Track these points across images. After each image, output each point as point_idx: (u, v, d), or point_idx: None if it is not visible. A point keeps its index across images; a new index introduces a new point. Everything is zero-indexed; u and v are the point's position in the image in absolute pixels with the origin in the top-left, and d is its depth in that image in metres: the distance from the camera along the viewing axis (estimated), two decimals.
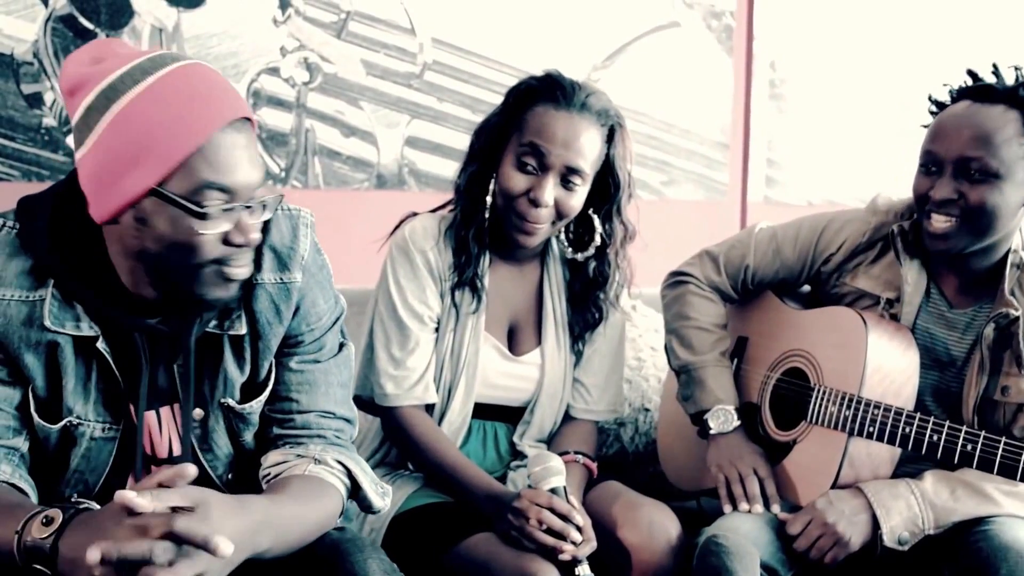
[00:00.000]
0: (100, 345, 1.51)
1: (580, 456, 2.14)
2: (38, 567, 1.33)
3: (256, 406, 1.64)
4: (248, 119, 1.46)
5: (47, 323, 1.48)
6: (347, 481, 1.65)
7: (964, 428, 1.86)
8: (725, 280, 2.27)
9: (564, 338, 2.18)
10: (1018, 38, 3.51)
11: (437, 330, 2.10)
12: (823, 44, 3.47)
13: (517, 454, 2.18)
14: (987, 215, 1.89)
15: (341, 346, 1.72)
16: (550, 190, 1.99)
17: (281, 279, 1.60)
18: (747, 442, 2.14)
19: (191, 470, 1.34)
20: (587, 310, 2.18)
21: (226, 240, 1.44)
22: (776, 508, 2.05)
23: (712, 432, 2.16)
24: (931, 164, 1.94)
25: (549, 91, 2.02)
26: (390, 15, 2.93)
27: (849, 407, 1.98)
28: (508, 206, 2.02)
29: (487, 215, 2.06)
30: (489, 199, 2.06)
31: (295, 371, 1.66)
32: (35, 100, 2.58)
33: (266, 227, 1.57)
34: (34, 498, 1.51)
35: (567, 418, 2.22)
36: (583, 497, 2.09)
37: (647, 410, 2.67)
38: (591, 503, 2.06)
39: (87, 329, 1.50)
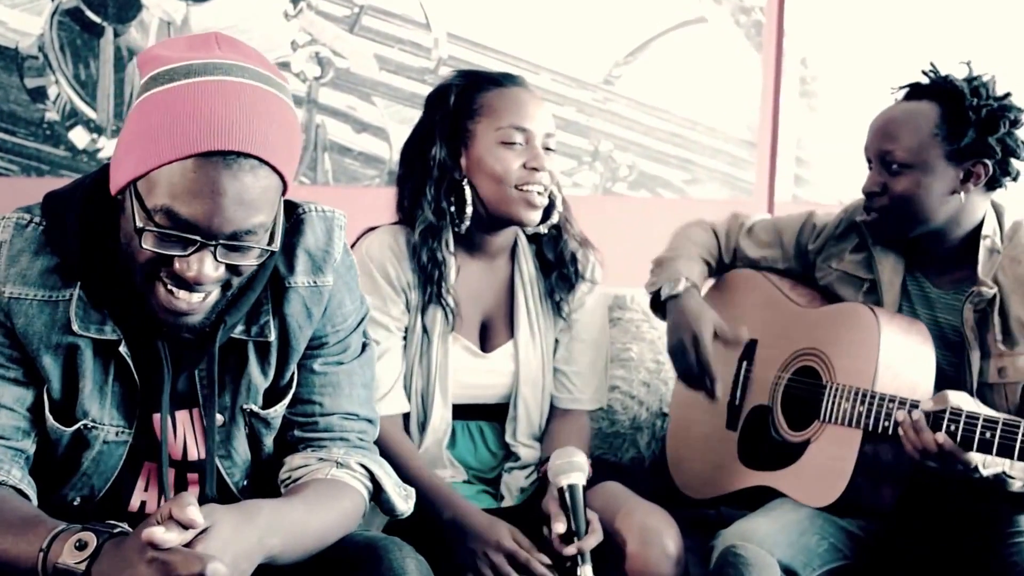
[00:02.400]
0: (122, 349, 1.49)
1: None
2: None
3: (280, 410, 1.62)
4: (263, 161, 1.36)
5: (75, 327, 1.45)
6: (369, 484, 1.63)
7: (982, 415, 1.80)
8: (724, 230, 2.38)
9: (539, 327, 2.15)
10: None
11: (405, 338, 2.08)
12: (856, 40, 3.40)
13: (511, 455, 2.15)
14: (909, 204, 2.01)
15: (364, 346, 1.70)
16: (544, 155, 2.03)
17: (314, 282, 1.58)
18: (702, 308, 2.18)
19: (190, 499, 1.31)
20: (564, 279, 2.16)
21: (172, 270, 1.38)
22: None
23: (663, 298, 2.21)
24: (867, 159, 2.10)
25: (486, 79, 2.09)
26: (404, 9, 2.88)
27: (863, 403, 1.96)
28: (506, 186, 2.02)
29: (467, 220, 2.04)
30: (469, 206, 2.03)
31: (319, 373, 1.63)
32: (38, 94, 2.54)
33: (300, 229, 1.56)
34: (34, 502, 1.48)
35: (555, 412, 2.18)
36: None
37: (665, 414, 2.62)
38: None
39: (110, 333, 1.48)
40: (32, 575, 1.32)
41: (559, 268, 2.16)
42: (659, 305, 2.25)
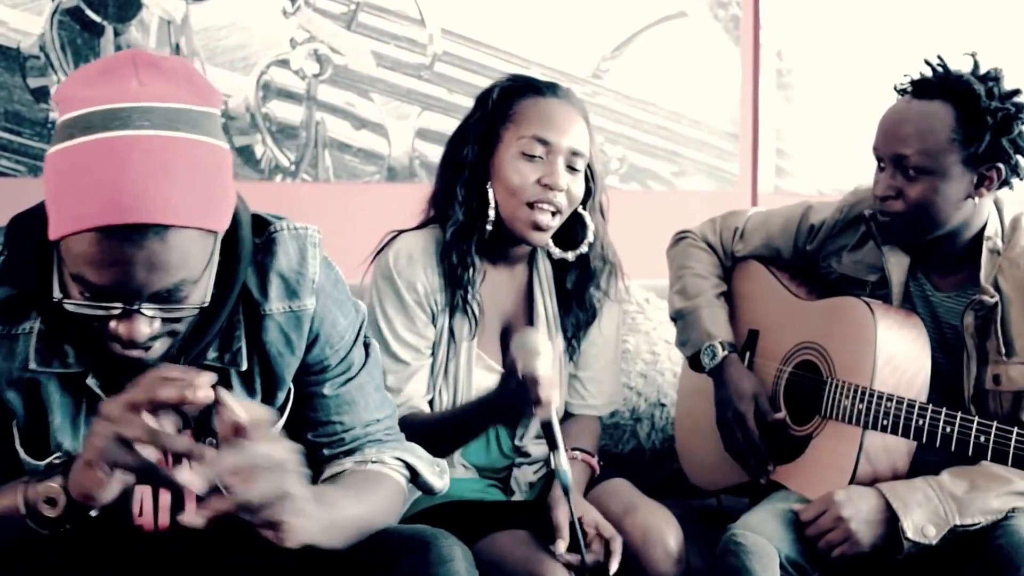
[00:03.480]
0: (89, 381, 1.43)
1: (579, 453, 2.12)
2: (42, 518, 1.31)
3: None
4: (173, 226, 1.26)
5: (31, 364, 1.39)
6: (406, 471, 1.64)
7: (977, 419, 1.86)
8: (718, 239, 2.35)
9: (556, 336, 2.15)
10: None
11: (433, 353, 2.07)
12: (829, 33, 3.46)
13: (522, 453, 2.17)
14: (925, 210, 1.96)
15: (367, 349, 1.66)
16: (563, 173, 1.99)
17: (290, 307, 1.51)
18: (741, 380, 2.16)
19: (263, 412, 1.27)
20: (581, 309, 2.16)
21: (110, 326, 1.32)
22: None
23: (706, 369, 2.20)
24: (878, 160, 2.03)
25: (529, 86, 2.06)
26: (399, 6, 2.90)
27: (862, 400, 1.98)
28: (518, 201, 1.99)
29: (489, 225, 2.02)
30: (492, 209, 2.02)
31: (331, 396, 1.59)
32: (41, 94, 2.54)
33: (271, 250, 1.50)
34: None
35: (566, 415, 2.20)
36: (584, 495, 2.08)
37: (663, 405, 2.67)
38: (591, 504, 2.05)
39: (75, 366, 1.41)
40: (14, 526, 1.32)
41: (577, 306, 2.15)
42: (698, 363, 2.24)
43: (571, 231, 2.09)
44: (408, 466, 1.64)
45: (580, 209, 2.09)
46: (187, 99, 1.29)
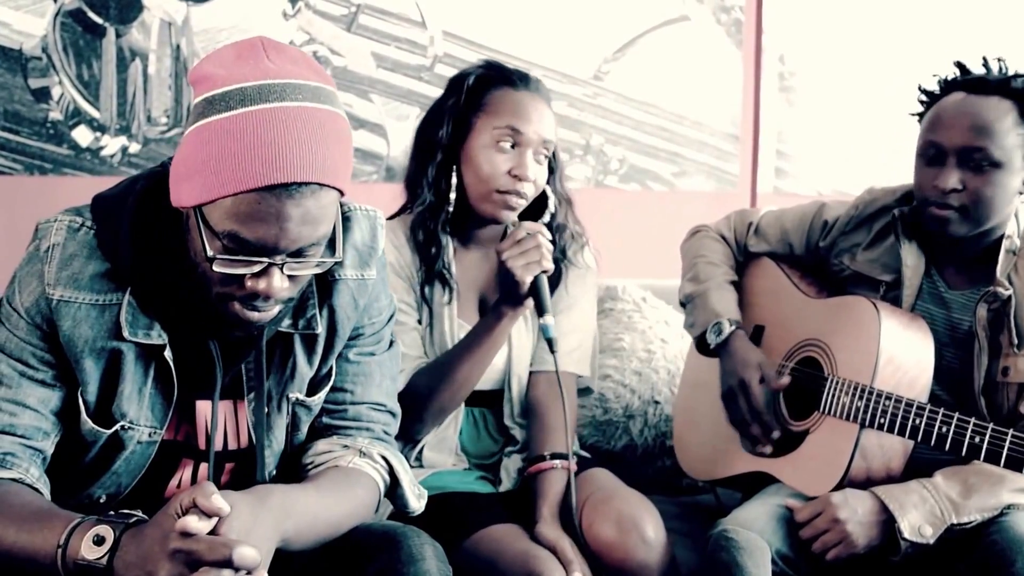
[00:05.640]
0: (167, 354, 1.52)
1: (557, 460, 2.09)
2: None
3: (322, 397, 1.67)
4: (324, 185, 1.39)
5: (125, 333, 1.48)
6: (387, 477, 1.68)
7: (973, 420, 1.86)
8: (732, 234, 2.36)
9: (530, 311, 2.16)
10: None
11: (420, 321, 2.12)
12: (832, 37, 3.49)
13: (510, 439, 2.19)
14: (987, 203, 1.96)
15: (391, 343, 1.76)
16: (531, 165, 2.05)
17: (361, 275, 1.64)
18: (747, 352, 2.16)
19: (212, 487, 1.34)
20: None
21: (243, 285, 1.42)
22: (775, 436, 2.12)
23: (711, 346, 2.20)
24: (933, 154, 1.99)
25: (502, 76, 2.12)
26: (400, 8, 2.93)
27: (861, 398, 1.98)
28: (488, 188, 2.05)
29: (450, 206, 2.11)
30: (453, 192, 2.10)
31: (352, 362, 1.69)
32: (42, 94, 2.57)
33: (347, 226, 1.62)
34: (48, 499, 1.49)
35: (538, 379, 2.18)
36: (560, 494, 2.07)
37: (657, 403, 2.67)
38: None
39: (156, 338, 1.50)
40: (51, 568, 1.33)
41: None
42: (704, 345, 2.24)
43: (535, 206, 2.13)
44: (391, 472, 1.68)
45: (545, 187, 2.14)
46: (314, 78, 1.41)
